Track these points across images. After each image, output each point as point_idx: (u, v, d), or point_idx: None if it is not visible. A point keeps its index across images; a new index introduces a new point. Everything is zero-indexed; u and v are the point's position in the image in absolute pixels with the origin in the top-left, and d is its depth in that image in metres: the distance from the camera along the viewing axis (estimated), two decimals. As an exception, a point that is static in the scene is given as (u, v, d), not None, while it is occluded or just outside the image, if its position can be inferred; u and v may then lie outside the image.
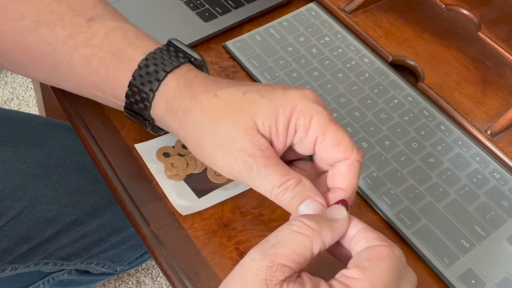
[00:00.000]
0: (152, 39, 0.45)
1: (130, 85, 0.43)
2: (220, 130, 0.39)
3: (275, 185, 0.38)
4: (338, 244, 0.36)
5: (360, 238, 0.36)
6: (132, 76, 0.42)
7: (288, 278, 0.32)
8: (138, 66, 0.42)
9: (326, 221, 0.35)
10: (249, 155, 0.38)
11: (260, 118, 0.39)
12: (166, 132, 0.46)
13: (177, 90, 0.42)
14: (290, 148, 0.41)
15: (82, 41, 0.43)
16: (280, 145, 0.39)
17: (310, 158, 0.42)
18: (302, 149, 0.40)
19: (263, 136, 0.39)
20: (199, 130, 0.40)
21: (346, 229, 0.36)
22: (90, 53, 0.43)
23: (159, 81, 0.42)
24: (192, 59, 0.44)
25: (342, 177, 0.39)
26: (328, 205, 0.38)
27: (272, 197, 0.38)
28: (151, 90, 0.42)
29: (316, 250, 0.34)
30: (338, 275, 0.34)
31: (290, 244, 0.33)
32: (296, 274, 0.33)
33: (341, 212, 0.37)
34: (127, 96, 0.43)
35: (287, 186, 0.38)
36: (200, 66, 0.44)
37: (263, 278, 0.32)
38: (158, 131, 0.46)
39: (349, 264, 0.34)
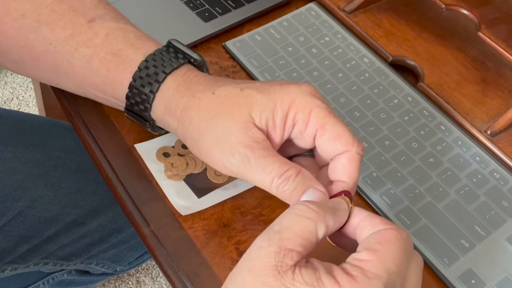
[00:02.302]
0: (152, 40, 0.45)
1: (130, 87, 0.43)
2: (217, 126, 0.39)
3: (275, 175, 0.37)
4: (342, 234, 0.36)
5: (365, 225, 0.35)
6: (132, 78, 0.42)
7: (297, 263, 0.32)
8: (138, 68, 0.42)
9: (329, 208, 0.35)
10: (246, 147, 0.38)
11: (257, 111, 0.39)
12: (166, 132, 0.46)
13: (176, 90, 0.42)
14: (290, 143, 0.41)
15: (83, 42, 0.43)
16: (277, 138, 0.39)
17: (310, 153, 0.42)
18: (302, 143, 0.40)
19: (260, 129, 0.39)
20: (197, 128, 0.40)
21: (345, 220, 0.36)
22: (91, 53, 0.43)
23: (159, 82, 0.42)
24: (192, 60, 0.44)
25: (343, 170, 0.39)
26: (331, 196, 0.38)
27: (272, 189, 0.38)
28: (151, 91, 0.42)
29: (320, 234, 0.33)
30: (349, 259, 0.33)
31: (295, 228, 0.33)
32: (305, 260, 0.33)
33: (342, 203, 0.37)
34: (127, 97, 0.43)
35: (288, 175, 0.37)
36: (200, 66, 0.44)
37: (273, 264, 0.31)
38: (159, 131, 0.46)
39: (359, 248, 0.34)
